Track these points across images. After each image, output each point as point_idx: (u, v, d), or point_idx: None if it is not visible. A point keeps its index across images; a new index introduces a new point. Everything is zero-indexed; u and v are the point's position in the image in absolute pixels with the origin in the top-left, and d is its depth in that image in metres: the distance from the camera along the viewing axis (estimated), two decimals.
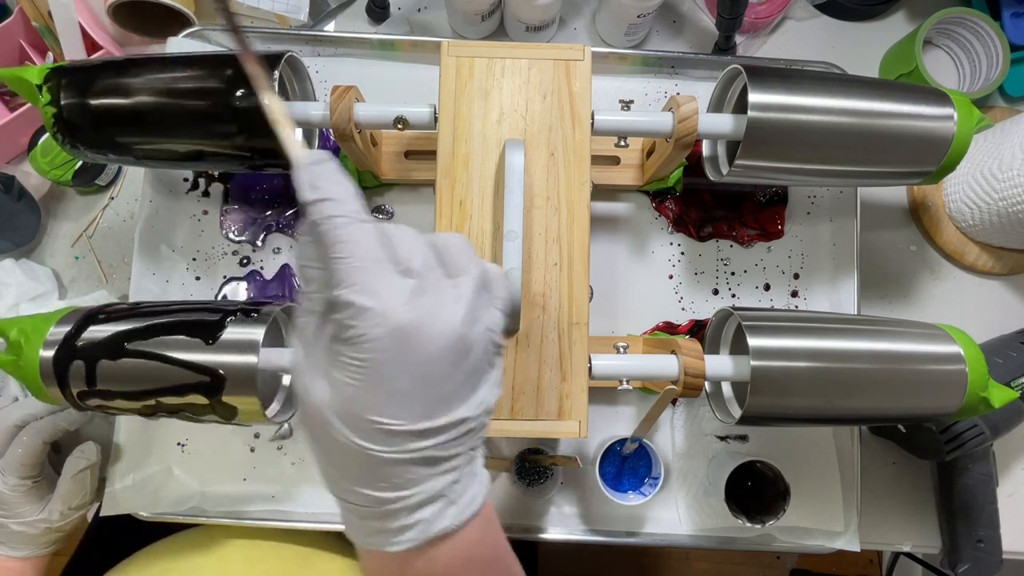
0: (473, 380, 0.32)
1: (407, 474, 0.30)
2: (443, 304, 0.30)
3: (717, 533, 0.66)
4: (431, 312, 0.30)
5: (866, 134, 0.55)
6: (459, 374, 0.31)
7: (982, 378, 0.53)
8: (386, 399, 0.29)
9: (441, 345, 0.30)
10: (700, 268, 0.70)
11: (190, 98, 0.54)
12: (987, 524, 0.67)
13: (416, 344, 0.29)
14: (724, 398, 0.59)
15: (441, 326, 0.30)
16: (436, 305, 0.30)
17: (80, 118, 0.54)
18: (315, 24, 0.77)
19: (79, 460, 0.60)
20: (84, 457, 0.61)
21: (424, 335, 0.29)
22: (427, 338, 0.29)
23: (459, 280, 0.32)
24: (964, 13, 0.74)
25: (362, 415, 0.29)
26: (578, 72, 0.55)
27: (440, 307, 0.30)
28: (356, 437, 0.29)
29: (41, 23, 0.71)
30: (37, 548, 0.60)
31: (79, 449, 0.61)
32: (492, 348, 0.33)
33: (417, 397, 0.30)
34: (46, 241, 0.73)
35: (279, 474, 0.66)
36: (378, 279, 0.29)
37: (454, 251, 0.33)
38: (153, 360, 0.49)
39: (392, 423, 0.29)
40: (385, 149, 0.67)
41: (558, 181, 0.54)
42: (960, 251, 0.74)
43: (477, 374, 0.32)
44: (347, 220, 0.30)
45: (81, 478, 0.60)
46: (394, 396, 0.29)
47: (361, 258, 0.29)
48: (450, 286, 0.31)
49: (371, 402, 0.29)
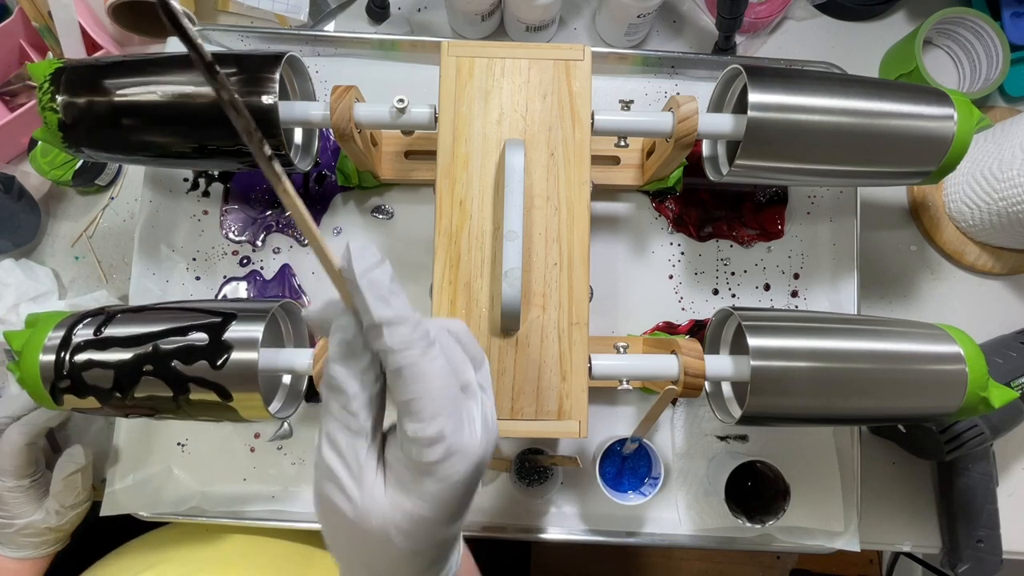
0: None
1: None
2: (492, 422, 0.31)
3: (717, 533, 0.66)
4: (493, 438, 0.31)
5: (866, 134, 0.55)
6: None
7: (982, 378, 0.53)
8: (449, 522, 0.30)
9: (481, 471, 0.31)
10: (700, 268, 0.70)
11: (190, 96, 0.54)
12: (987, 524, 0.67)
13: (481, 472, 0.30)
14: (724, 398, 0.59)
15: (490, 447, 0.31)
16: (490, 426, 0.31)
17: (79, 116, 0.54)
18: (315, 24, 0.77)
19: (68, 464, 0.60)
20: (72, 461, 0.61)
21: (485, 463, 0.30)
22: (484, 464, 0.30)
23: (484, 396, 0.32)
24: (964, 13, 0.74)
25: (432, 536, 0.30)
26: (578, 72, 0.55)
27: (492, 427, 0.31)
28: (422, 551, 0.30)
29: (41, 23, 0.71)
30: (36, 549, 0.60)
31: (67, 453, 0.61)
32: None
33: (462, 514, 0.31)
34: (46, 241, 0.73)
35: (279, 474, 0.66)
36: (459, 412, 0.29)
37: (468, 343, 0.33)
38: (157, 365, 0.49)
39: (442, 534, 0.30)
40: (385, 149, 0.67)
41: (558, 181, 0.54)
42: (960, 251, 0.74)
43: None
44: (422, 351, 0.28)
45: (71, 481, 0.60)
46: (454, 518, 0.30)
47: (443, 389, 0.28)
48: (487, 401, 0.32)
49: (440, 527, 0.30)
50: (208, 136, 0.55)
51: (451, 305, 0.52)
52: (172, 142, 0.56)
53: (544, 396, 0.52)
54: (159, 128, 0.55)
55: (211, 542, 0.63)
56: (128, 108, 0.54)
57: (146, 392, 0.49)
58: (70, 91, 0.54)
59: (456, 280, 0.53)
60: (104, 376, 0.49)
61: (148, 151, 0.57)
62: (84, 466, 0.61)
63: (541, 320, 0.53)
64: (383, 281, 0.27)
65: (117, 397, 0.49)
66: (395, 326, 0.27)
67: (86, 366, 0.49)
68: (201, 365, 0.49)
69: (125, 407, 0.50)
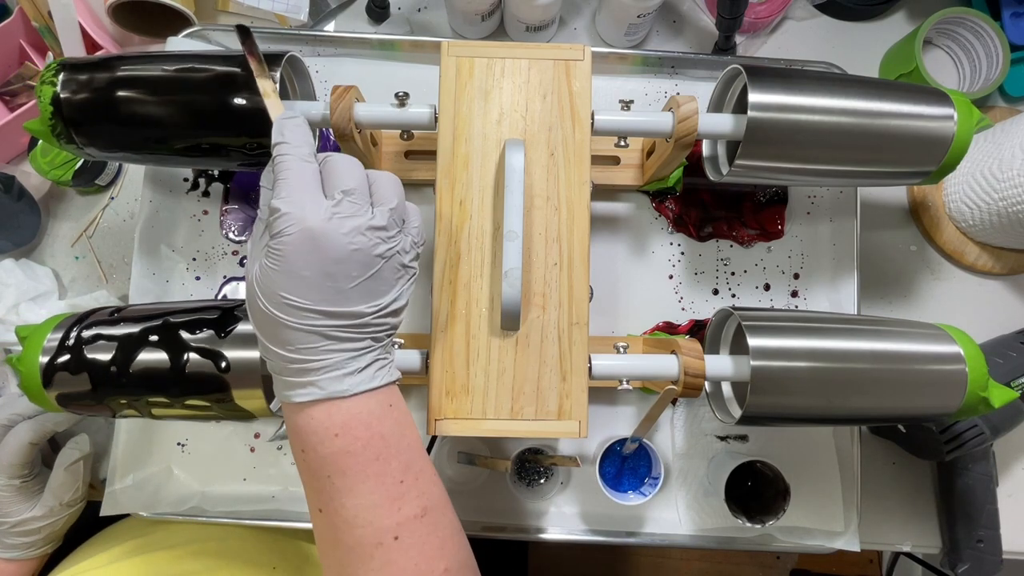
0: (372, 287, 0.40)
1: (309, 343, 0.39)
2: (353, 223, 0.39)
3: (717, 533, 0.66)
4: (340, 226, 0.38)
5: (866, 134, 0.55)
6: (359, 279, 0.39)
7: (982, 378, 0.53)
8: (293, 282, 0.38)
9: (343, 252, 0.39)
10: (700, 268, 0.70)
11: (190, 95, 0.54)
12: (987, 524, 0.67)
13: (321, 246, 0.38)
14: (724, 398, 0.59)
15: (346, 238, 0.39)
16: (346, 222, 0.39)
17: (79, 114, 0.54)
18: (315, 24, 0.77)
19: (72, 451, 0.61)
20: (77, 448, 0.61)
21: (329, 241, 0.38)
22: (332, 244, 0.38)
23: (377, 209, 0.41)
24: (964, 13, 0.74)
25: (275, 291, 0.38)
26: (578, 72, 0.55)
27: (350, 224, 0.39)
28: (270, 306, 0.39)
29: (41, 23, 0.71)
30: (28, 550, 0.60)
31: (72, 440, 0.62)
32: (398, 268, 0.42)
33: (317, 286, 0.38)
34: (46, 241, 0.73)
35: (279, 474, 0.66)
36: (303, 195, 0.39)
37: (383, 185, 0.42)
38: (162, 334, 0.50)
39: (295, 300, 0.38)
40: (385, 149, 0.67)
41: (558, 181, 0.54)
42: (960, 251, 0.74)
43: (379, 283, 0.41)
44: (295, 157, 0.40)
45: (74, 469, 0.61)
46: (299, 280, 0.38)
47: (296, 180, 0.39)
48: (367, 211, 0.40)
49: (282, 282, 0.38)
50: (206, 134, 0.55)
51: (451, 305, 0.52)
52: (170, 140, 0.55)
53: (544, 396, 0.52)
54: (157, 126, 0.55)
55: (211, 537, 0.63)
56: (128, 102, 0.54)
57: (143, 366, 0.49)
58: (70, 88, 0.54)
59: (456, 280, 0.53)
60: (106, 347, 0.49)
61: (148, 149, 0.57)
62: (88, 454, 0.62)
63: (541, 320, 0.53)
64: (286, 123, 0.42)
65: (112, 373, 0.49)
66: (280, 144, 0.41)
67: (92, 339, 0.50)
68: (206, 336, 0.50)
69: (116, 388, 0.49)
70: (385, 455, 0.40)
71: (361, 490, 0.39)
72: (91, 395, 0.50)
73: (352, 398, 0.40)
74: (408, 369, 0.53)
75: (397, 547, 0.39)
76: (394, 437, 0.41)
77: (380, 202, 0.41)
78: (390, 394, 0.42)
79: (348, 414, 0.40)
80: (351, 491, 0.39)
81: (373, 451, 0.40)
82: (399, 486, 0.40)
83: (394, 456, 0.41)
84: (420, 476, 0.42)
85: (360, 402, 0.40)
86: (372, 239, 0.40)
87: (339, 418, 0.40)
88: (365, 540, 0.39)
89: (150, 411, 0.51)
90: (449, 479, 0.66)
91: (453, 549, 0.42)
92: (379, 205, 0.41)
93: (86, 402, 0.50)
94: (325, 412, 0.40)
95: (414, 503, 0.40)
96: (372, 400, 0.41)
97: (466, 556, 0.43)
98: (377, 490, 0.40)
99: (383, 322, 0.41)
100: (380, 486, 0.40)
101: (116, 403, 0.50)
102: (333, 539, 0.40)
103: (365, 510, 0.39)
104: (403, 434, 0.42)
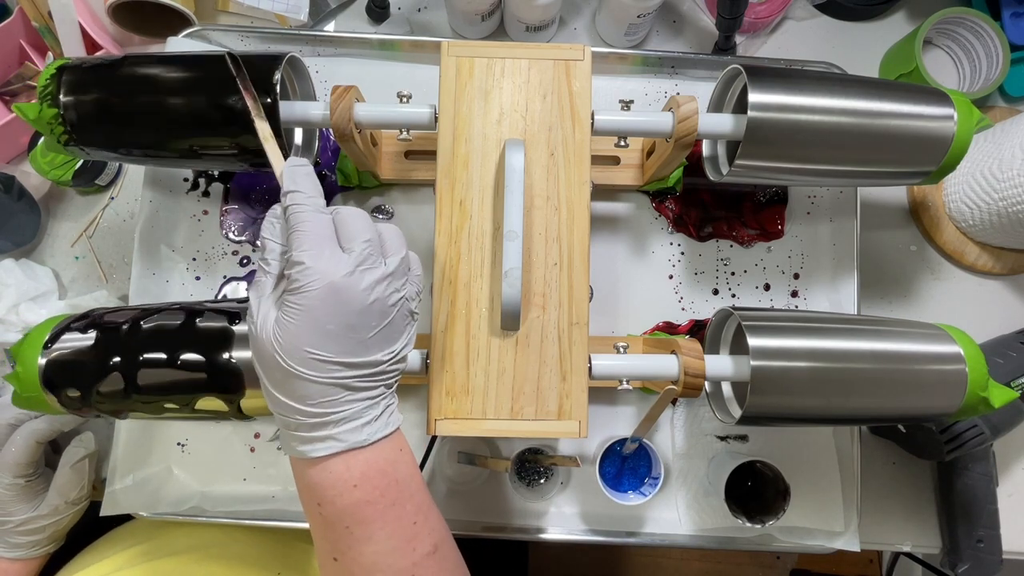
0: (388, 335, 0.41)
1: (329, 395, 0.39)
2: (373, 275, 0.40)
3: (717, 533, 0.66)
4: (360, 279, 0.39)
5: (866, 134, 0.55)
6: (377, 328, 0.40)
7: (982, 378, 0.53)
8: (318, 336, 0.38)
9: (364, 304, 0.39)
10: (700, 268, 0.70)
11: (190, 96, 0.54)
12: (987, 524, 0.67)
13: (344, 299, 0.39)
14: (724, 398, 0.59)
15: (366, 290, 0.39)
16: (366, 275, 0.40)
17: (79, 114, 0.54)
18: (315, 24, 0.77)
19: (78, 449, 0.61)
20: (83, 446, 0.61)
21: (351, 294, 0.39)
22: (353, 297, 0.39)
23: (389, 259, 0.41)
24: (964, 13, 0.74)
25: (299, 346, 0.38)
26: (578, 72, 0.55)
27: (369, 276, 0.40)
28: (294, 363, 0.38)
29: (41, 23, 0.71)
30: (30, 549, 0.60)
31: (78, 438, 0.62)
32: (407, 314, 0.43)
33: (341, 339, 0.39)
34: (46, 241, 0.73)
35: (279, 474, 0.66)
36: (323, 248, 0.39)
37: (390, 236, 0.43)
38: (158, 362, 0.49)
39: (320, 354, 0.38)
40: (385, 149, 0.67)
41: (558, 181, 0.54)
42: (960, 251, 0.74)
43: (393, 331, 0.41)
44: (309, 208, 0.40)
45: (80, 468, 0.61)
46: (324, 334, 0.38)
47: (314, 233, 0.39)
48: (381, 262, 0.41)
49: (306, 337, 0.38)
50: (207, 134, 0.55)
51: (451, 305, 0.52)
52: (170, 140, 0.55)
53: (544, 396, 0.52)
54: (157, 126, 0.55)
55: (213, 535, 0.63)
56: (128, 104, 0.54)
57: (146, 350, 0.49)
58: (71, 88, 0.54)
59: (456, 280, 0.53)
60: (111, 323, 0.49)
61: (148, 148, 0.57)
62: (93, 452, 0.62)
63: (541, 320, 0.53)
64: (297, 171, 0.41)
65: (106, 349, 0.48)
66: (293, 194, 0.41)
67: (96, 321, 0.50)
68: (216, 327, 0.49)
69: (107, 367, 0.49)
70: (401, 499, 0.41)
71: (379, 536, 0.40)
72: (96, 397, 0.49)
73: (370, 447, 0.40)
74: (408, 369, 0.53)
75: None
76: (406, 480, 0.42)
77: (390, 252, 0.42)
78: (399, 438, 0.43)
79: (366, 463, 0.40)
80: (370, 539, 0.40)
81: (390, 497, 0.41)
82: (413, 527, 0.41)
83: (408, 499, 0.42)
84: (429, 514, 0.43)
85: (377, 450, 0.41)
86: (387, 290, 0.40)
87: (358, 469, 0.40)
88: None
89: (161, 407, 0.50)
90: (449, 479, 0.66)
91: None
92: (390, 255, 0.42)
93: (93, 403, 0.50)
94: (344, 464, 0.40)
95: (426, 541, 0.42)
96: (388, 446, 0.42)
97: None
98: (395, 535, 0.41)
99: (395, 368, 0.42)
100: (397, 530, 0.41)
101: (126, 404, 0.50)
102: None
103: (384, 555, 0.40)
104: (413, 475, 0.43)
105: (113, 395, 0.49)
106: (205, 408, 0.50)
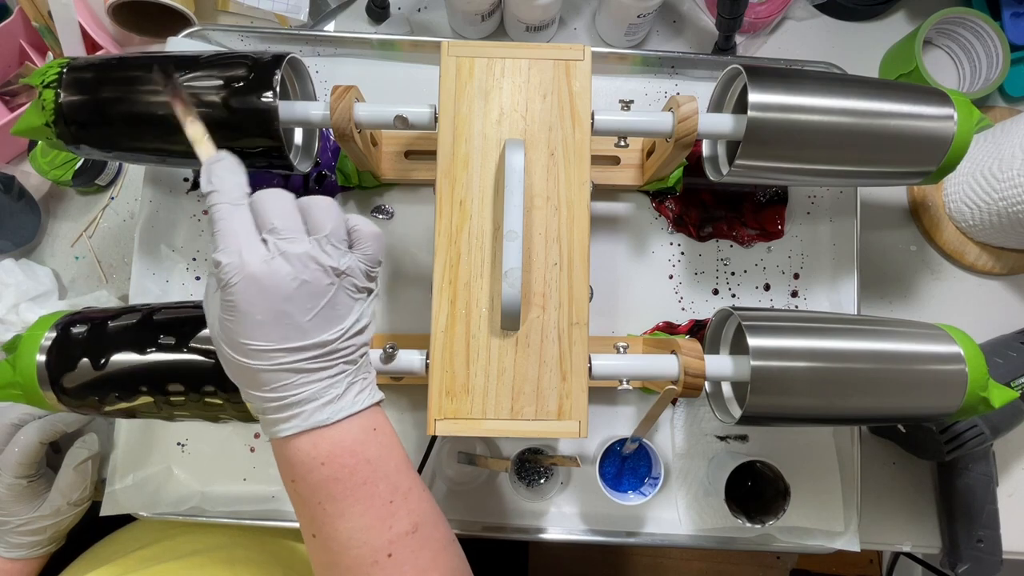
0: (329, 315, 0.40)
1: (282, 380, 0.40)
2: (291, 259, 0.39)
3: (717, 533, 0.66)
4: (280, 266, 0.39)
5: (866, 134, 0.55)
6: (315, 310, 0.40)
7: (982, 378, 0.53)
8: (250, 328, 0.39)
9: (290, 289, 0.39)
10: (700, 268, 0.70)
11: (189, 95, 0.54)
12: (987, 524, 0.67)
13: (266, 287, 0.38)
14: (724, 398, 0.59)
15: (289, 275, 0.39)
16: (285, 260, 0.39)
17: (79, 113, 0.54)
18: (315, 24, 0.77)
19: (81, 450, 0.61)
20: (86, 447, 0.61)
21: (272, 282, 0.39)
22: (276, 283, 0.39)
23: (315, 238, 0.40)
24: (964, 13, 0.74)
25: (237, 340, 0.39)
26: (578, 72, 0.55)
27: (289, 262, 0.39)
28: (237, 355, 0.39)
29: (41, 23, 0.71)
30: (31, 549, 0.60)
31: (81, 439, 0.61)
32: (352, 290, 0.42)
33: (275, 326, 0.39)
34: (46, 241, 0.73)
35: (279, 474, 0.66)
36: (239, 243, 0.39)
37: (315, 211, 0.41)
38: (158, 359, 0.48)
39: (258, 344, 0.39)
40: (385, 149, 0.67)
41: (558, 181, 0.54)
42: (960, 251, 0.74)
43: (335, 309, 0.41)
44: (225, 204, 0.40)
45: (83, 469, 0.60)
46: (256, 326, 0.39)
47: (230, 229, 0.39)
48: (305, 244, 0.40)
49: (241, 331, 0.39)
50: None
51: (451, 305, 0.52)
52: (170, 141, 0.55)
53: (544, 396, 0.52)
54: (156, 126, 0.55)
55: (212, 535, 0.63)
56: (128, 104, 0.54)
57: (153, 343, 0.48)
58: (70, 87, 0.54)
59: (456, 280, 0.53)
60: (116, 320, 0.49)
61: (147, 147, 0.57)
62: (96, 453, 0.62)
63: (541, 320, 0.53)
64: (213, 168, 0.41)
65: (108, 337, 0.48)
66: (210, 194, 0.40)
67: (100, 314, 0.50)
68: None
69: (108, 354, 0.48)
70: (372, 479, 0.41)
71: (352, 513, 0.41)
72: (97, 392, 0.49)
73: (335, 426, 0.41)
74: (408, 369, 0.53)
75: (392, 563, 0.40)
76: (380, 461, 0.42)
77: (315, 230, 0.41)
78: (374, 417, 0.43)
79: (332, 442, 0.41)
80: (342, 515, 0.41)
81: (360, 477, 0.41)
82: (388, 506, 0.41)
83: (381, 479, 0.42)
84: (409, 495, 0.43)
85: (343, 429, 0.41)
86: (314, 269, 0.40)
87: (324, 447, 0.41)
88: (361, 560, 0.40)
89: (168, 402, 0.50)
90: (449, 479, 0.66)
91: (446, 559, 0.43)
92: (314, 233, 0.41)
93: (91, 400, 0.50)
94: (310, 443, 0.40)
95: (404, 521, 0.42)
96: (355, 426, 0.42)
97: (459, 564, 0.44)
98: (368, 512, 0.41)
99: (349, 344, 0.42)
100: (370, 508, 0.41)
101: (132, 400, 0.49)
102: (329, 562, 0.41)
103: (358, 531, 0.41)
104: (389, 456, 0.43)
105: (124, 386, 0.48)
106: (213, 403, 0.50)
